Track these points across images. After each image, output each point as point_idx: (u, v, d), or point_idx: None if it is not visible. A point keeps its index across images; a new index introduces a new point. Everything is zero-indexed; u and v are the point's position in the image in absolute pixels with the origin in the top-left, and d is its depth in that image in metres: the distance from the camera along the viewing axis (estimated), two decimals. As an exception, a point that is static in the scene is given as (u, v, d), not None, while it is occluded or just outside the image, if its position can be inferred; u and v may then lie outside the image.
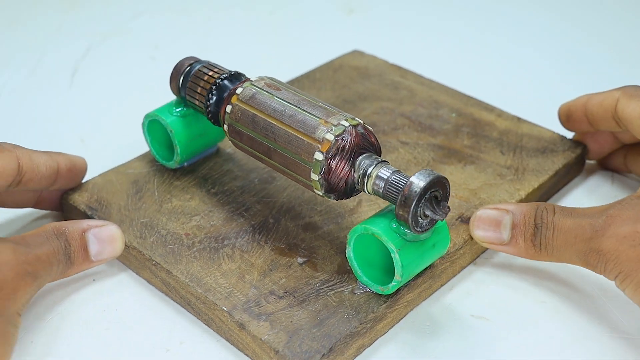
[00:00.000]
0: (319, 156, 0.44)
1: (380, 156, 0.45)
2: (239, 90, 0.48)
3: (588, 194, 0.57)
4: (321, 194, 0.45)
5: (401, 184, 0.42)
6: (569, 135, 0.59)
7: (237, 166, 0.56)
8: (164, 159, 0.55)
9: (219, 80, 0.50)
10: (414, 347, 0.45)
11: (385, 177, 0.43)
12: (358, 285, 0.46)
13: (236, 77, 0.50)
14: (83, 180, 0.54)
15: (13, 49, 0.76)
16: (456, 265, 0.49)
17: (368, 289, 0.46)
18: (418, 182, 0.42)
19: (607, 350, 0.45)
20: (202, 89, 0.50)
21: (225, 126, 0.49)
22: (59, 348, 0.45)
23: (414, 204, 0.41)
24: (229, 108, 0.48)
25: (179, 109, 0.53)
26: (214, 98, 0.50)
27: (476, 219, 0.49)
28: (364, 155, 0.44)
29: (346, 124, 0.44)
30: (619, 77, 0.72)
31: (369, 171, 0.44)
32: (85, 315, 0.47)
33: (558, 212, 0.46)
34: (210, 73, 0.50)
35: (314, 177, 0.45)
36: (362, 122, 0.45)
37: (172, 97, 0.56)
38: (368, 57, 0.68)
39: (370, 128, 0.45)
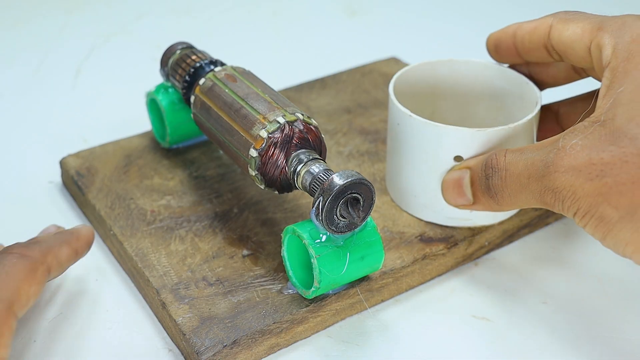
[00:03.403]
0: (253, 153, 0.45)
1: (322, 153, 0.45)
2: (201, 81, 0.50)
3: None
4: (262, 187, 0.46)
5: (323, 180, 0.42)
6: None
7: (228, 154, 0.57)
8: (160, 137, 0.57)
9: (192, 68, 0.51)
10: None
11: (314, 173, 0.43)
12: (287, 286, 0.46)
13: (209, 65, 0.51)
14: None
15: (16, 49, 0.77)
16: (402, 283, 0.48)
17: (296, 291, 0.46)
18: (338, 179, 0.41)
19: (607, 351, 0.45)
20: (179, 75, 0.52)
21: (192, 114, 0.50)
22: (61, 348, 0.45)
23: (329, 199, 0.41)
24: (192, 98, 0.49)
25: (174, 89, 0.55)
26: (186, 85, 0.51)
27: (443, 185, 0.47)
28: (300, 151, 0.44)
29: (282, 120, 0.45)
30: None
31: (298, 168, 0.44)
32: (88, 314, 0.47)
33: (509, 153, 0.43)
34: (188, 60, 0.52)
35: (251, 172, 0.45)
36: (301, 118, 0.45)
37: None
38: (402, 65, 0.67)
39: (314, 124, 0.45)
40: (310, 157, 0.44)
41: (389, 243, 0.49)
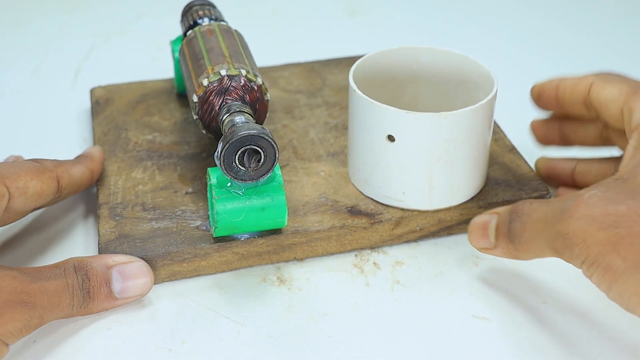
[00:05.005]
0: (195, 98, 0.49)
1: (258, 112, 0.49)
2: (188, 32, 0.55)
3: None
4: (204, 132, 0.50)
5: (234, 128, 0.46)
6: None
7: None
8: (177, 80, 0.63)
9: (192, 21, 0.56)
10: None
11: (234, 123, 0.46)
12: (206, 224, 0.50)
13: (209, 20, 0.56)
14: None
15: (16, 49, 0.77)
16: (317, 246, 0.50)
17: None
18: (242, 129, 0.45)
19: (608, 351, 0.45)
20: (185, 27, 0.57)
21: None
22: (61, 348, 0.45)
23: (227, 145, 0.44)
24: (180, 48, 0.55)
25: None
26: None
27: (470, 227, 0.49)
28: (232, 103, 0.48)
29: (224, 72, 0.49)
30: None
31: (224, 117, 0.48)
32: (87, 315, 0.47)
33: (536, 202, 0.45)
34: (195, 14, 0.57)
35: (194, 116, 0.50)
36: (244, 74, 0.49)
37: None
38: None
39: (257, 83, 0.49)
40: (238, 109, 0.48)
41: (318, 208, 0.51)
